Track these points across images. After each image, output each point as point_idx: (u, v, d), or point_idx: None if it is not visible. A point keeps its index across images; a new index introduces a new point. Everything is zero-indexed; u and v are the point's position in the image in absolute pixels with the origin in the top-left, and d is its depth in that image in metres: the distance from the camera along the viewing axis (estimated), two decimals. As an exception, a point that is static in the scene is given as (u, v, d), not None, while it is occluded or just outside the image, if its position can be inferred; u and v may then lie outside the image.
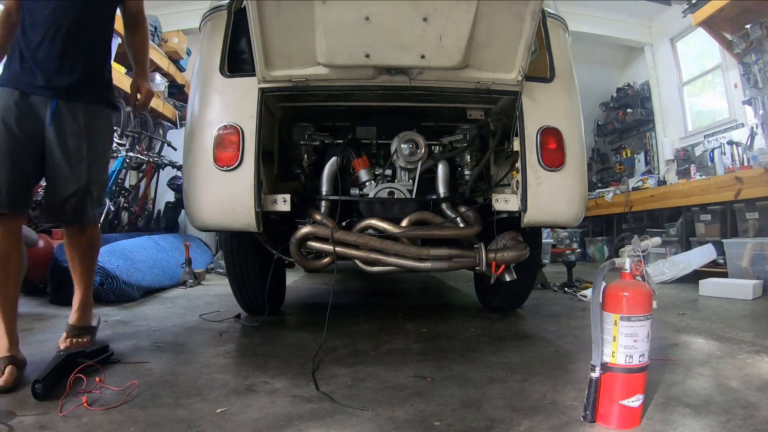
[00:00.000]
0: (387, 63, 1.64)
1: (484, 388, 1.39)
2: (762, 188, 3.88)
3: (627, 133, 7.27)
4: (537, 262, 2.47)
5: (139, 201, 5.50)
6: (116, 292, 2.79)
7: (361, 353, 1.76)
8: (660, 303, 2.86)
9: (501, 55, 1.69)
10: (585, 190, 1.97)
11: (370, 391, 1.37)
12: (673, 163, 6.13)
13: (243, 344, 1.93)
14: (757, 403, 1.24)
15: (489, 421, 1.15)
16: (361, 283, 3.93)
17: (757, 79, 4.68)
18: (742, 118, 5.10)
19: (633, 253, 1.13)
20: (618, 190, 6.10)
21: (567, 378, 1.47)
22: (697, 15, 4.94)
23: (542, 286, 3.47)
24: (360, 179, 2.02)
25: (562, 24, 2.07)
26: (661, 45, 6.48)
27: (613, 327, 1.10)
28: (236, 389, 1.37)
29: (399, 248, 1.86)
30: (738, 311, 2.64)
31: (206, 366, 1.60)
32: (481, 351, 1.80)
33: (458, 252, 1.90)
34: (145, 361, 1.61)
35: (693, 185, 4.81)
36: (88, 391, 1.28)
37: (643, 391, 1.11)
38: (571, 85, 1.97)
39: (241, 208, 1.75)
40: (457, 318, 2.44)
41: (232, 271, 2.23)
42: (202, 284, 3.84)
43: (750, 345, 1.84)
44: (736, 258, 3.64)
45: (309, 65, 1.67)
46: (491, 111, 2.07)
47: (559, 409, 1.22)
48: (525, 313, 2.58)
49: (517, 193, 1.86)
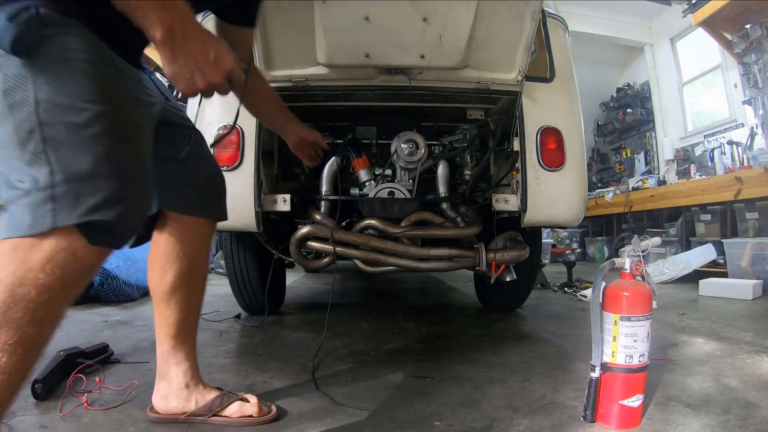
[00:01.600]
0: (387, 63, 1.64)
1: (484, 388, 1.39)
2: (762, 188, 3.89)
3: (627, 133, 7.27)
4: (537, 262, 2.47)
5: (139, 201, 5.49)
6: (116, 292, 2.80)
7: (361, 353, 1.76)
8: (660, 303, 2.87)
9: (501, 55, 1.69)
10: (585, 190, 1.97)
11: (370, 391, 1.37)
12: (673, 163, 6.13)
13: (243, 344, 1.93)
14: (757, 403, 1.24)
15: (489, 421, 1.15)
16: (361, 283, 3.93)
17: (757, 79, 4.68)
18: (742, 118, 5.10)
19: (633, 253, 1.13)
20: (618, 190, 6.10)
21: (567, 378, 1.47)
22: (697, 15, 4.94)
23: (542, 286, 3.47)
24: (360, 179, 2.02)
25: (562, 24, 2.07)
26: (661, 45, 6.48)
27: (613, 327, 1.10)
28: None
29: (399, 248, 1.86)
30: (738, 311, 2.64)
31: (206, 366, 1.60)
32: (481, 351, 1.80)
33: (458, 252, 1.90)
34: (145, 361, 1.61)
35: (693, 185, 4.81)
36: (88, 391, 1.28)
37: (643, 391, 1.11)
38: (571, 85, 1.97)
39: (241, 208, 1.75)
40: (457, 318, 2.44)
41: (232, 271, 2.22)
42: (202, 284, 3.84)
43: (750, 345, 1.84)
44: (736, 258, 3.64)
45: (309, 65, 1.67)
46: (491, 111, 2.07)
47: (559, 409, 1.22)
48: (525, 313, 2.58)
49: (517, 193, 1.87)
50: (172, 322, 1.12)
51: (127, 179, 0.80)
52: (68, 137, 0.75)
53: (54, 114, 0.74)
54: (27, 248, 0.72)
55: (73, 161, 0.74)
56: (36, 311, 0.72)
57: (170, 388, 1.14)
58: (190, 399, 1.14)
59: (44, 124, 0.74)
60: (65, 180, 0.73)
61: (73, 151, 0.75)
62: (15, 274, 0.71)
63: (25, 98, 0.74)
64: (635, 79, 7.06)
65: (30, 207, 0.72)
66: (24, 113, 0.74)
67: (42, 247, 0.72)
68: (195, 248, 1.13)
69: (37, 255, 0.72)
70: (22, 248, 0.72)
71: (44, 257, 0.72)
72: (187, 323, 1.15)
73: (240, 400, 1.16)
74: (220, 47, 0.83)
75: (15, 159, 0.74)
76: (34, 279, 0.71)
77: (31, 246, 0.72)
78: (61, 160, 0.74)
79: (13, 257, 0.71)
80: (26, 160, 0.74)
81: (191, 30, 0.79)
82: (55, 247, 0.73)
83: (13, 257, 0.71)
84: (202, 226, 1.15)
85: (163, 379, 1.15)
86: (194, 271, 1.14)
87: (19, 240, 0.72)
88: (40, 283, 0.72)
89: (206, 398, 1.15)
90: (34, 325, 0.72)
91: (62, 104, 0.75)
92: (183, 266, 1.11)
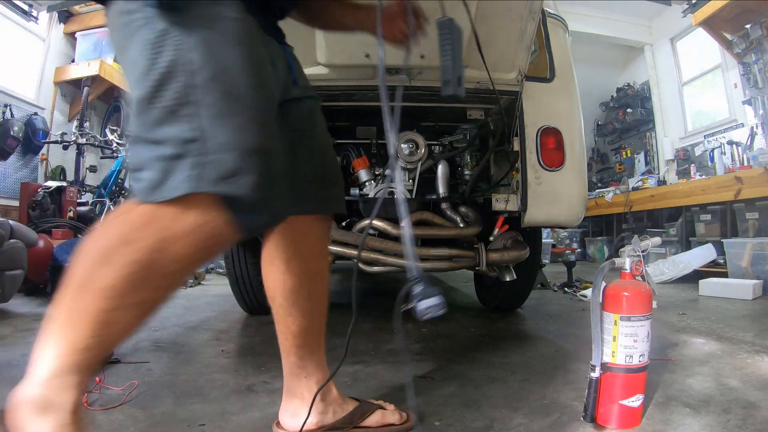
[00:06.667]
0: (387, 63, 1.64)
1: (484, 388, 1.39)
2: (762, 188, 3.89)
3: (627, 133, 7.27)
4: (537, 262, 2.47)
5: (139, 201, 5.50)
6: (116, 292, 2.79)
7: (361, 353, 1.76)
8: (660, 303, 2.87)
9: (501, 55, 1.69)
10: (585, 190, 1.97)
11: (370, 391, 1.36)
12: (673, 163, 6.13)
13: (243, 344, 1.93)
14: (757, 403, 1.23)
15: (489, 421, 1.15)
16: (361, 283, 3.93)
17: (757, 79, 4.69)
18: (742, 118, 5.11)
19: (633, 253, 1.13)
20: (618, 190, 6.11)
21: (567, 378, 1.47)
22: (697, 15, 4.94)
23: (542, 286, 3.47)
24: (360, 179, 2.02)
25: (562, 24, 2.07)
26: (661, 45, 6.48)
27: (613, 327, 1.09)
28: (236, 389, 1.37)
29: (399, 248, 1.86)
30: (738, 311, 2.64)
31: (206, 366, 1.60)
32: (481, 351, 1.80)
33: (458, 252, 1.90)
34: (145, 361, 1.61)
35: (693, 185, 4.81)
36: (89, 391, 1.28)
37: (643, 391, 1.11)
38: (571, 85, 1.97)
39: (241, 208, 1.75)
40: (457, 318, 2.44)
41: (232, 271, 2.23)
42: (202, 284, 3.84)
43: (750, 345, 1.84)
44: (736, 258, 3.64)
45: (309, 65, 1.67)
46: (491, 111, 2.07)
47: (559, 409, 1.22)
48: (525, 313, 2.58)
49: (517, 193, 1.87)
50: (296, 331, 1.04)
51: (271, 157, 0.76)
52: (219, 105, 0.71)
53: (205, 79, 0.70)
54: (171, 216, 0.69)
55: (222, 129, 0.70)
56: (166, 277, 0.71)
57: (303, 403, 1.03)
58: (327, 411, 1.05)
59: (194, 87, 0.70)
60: (214, 148, 0.69)
61: (223, 119, 0.70)
62: (154, 239, 0.68)
63: (176, 58, 0.70)
64: (635, 79, 7.07)
65: (173, 170, 0.68)
66: (173, 74, 0.69)
67: (186, 218, 0.69)
68: (312, 246, 1.04)
69: (180, 225, 0.69)
70: (166, 216, 0.69)
71: (187, 228, 0.69)
72: (312, 331, 1.06)
73: (379, 408, 1.09)
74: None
75: (157, 120, 0.70)
76: (173, 248, 0.69)
77: (174, 215, 0.69)
78: (211, 127, 0.70)
79: (154, 222, 0.69)
80: (171, 122, 0.69)
81: None
82: (198, 219, 0.70)
83: (154, 222, 0.69)
84: (318, 221, 1.05)
85: (293, 395, 1.06)
86: (314, 272, 1.05)
87: (162, 206, 0.69)
88: (177, 251, 0.70)
89: (345, 409, 1.07)
90: (159, 290, 0.72)
91: (215, 70, 0.71)
92: (301, 267, 1.02)
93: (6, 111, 4.38)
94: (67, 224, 3.84)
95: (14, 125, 4.34)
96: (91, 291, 0.67)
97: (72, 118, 5.31)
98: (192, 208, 0.69)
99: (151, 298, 0.72)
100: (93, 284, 0.67)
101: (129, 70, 0.73)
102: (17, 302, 2.72)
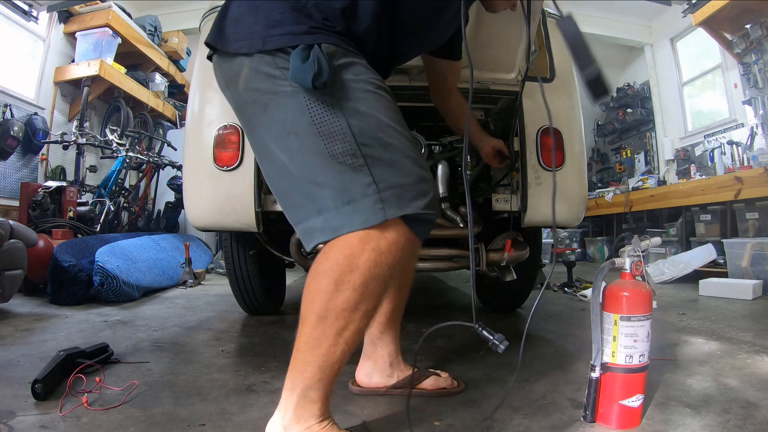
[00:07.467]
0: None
1: (484, 388, 1.39)
2: (762, 188, 3.89)
3: (627, 133, 7.27)
4: (537, 262, 2.47)
5: (139, 201, 5.50)
6: (116, 292, 2.80)
7: (361, 353, 1.76)
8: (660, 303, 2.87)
9: (501, 55, 1.69)
10: (585, 190, 1.97)
11: (370, 391, 1.36)
12: (673, 163, 6.13)
13: (243, 344, 1.93)
14: (757, 403, 1.24)
15: (489, 421, 1.15)
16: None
17: (757, 79, 4.68)
18: (742, 118, 5.11)
19: (633, 253, 1.13)
20: (618, 190, 6.11)
21: (567, 378, 1.47)
22: (697, 15, 4.94)
23: (542, 286, 3.47)
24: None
25: (562, 24, 2.07)
26: (661, 45, 6.48)
27: (613, 327, 1.10)
28: (236, 389, 1.37)
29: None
30: (738, 311, 2.64)
31: (206, 366, 1.60)
32: (481, 351, 1.80)
33: (458, 252, 1.90)
34: (145, 361, 1.61)
35: (693, 185, 4.81)
36: (88, 391, 1.28)
37: (643, 391, 1.11)
38: (571, 85, 1.97)
39: (241, 208, 1.75)
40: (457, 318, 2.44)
41: (232, 271, 2.23)
42: (202, 284, 3.84)
43: (750, 345, 1.84)
44: (736, 258, 3.64)
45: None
46: (491, 111, 2.07)
47: (559, 409, 1.22)
48: (525, 313, 2.58)
49: (517, 193, 1.86)
50: (383, 312, 1.29)
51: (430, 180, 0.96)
52: (383, 154, 0.91)
53: (367, 136, 0.90)
54: (377, 237, 0.88)
55: (390, 172, 0.90)
56: (384, 284, 0.91)
57: (375, 366, 1.34)
58: (393, 375, 1.33)
59: (362, 145, 0.89)
60: (387, 187, 0.89)
61: (388, 163, 0.91)
62: (371, 256, 0.88)
63: (339, 125, 0.89)
64: (635, 79, 7.07)
65: (364, 208, 0.88)
66: (340, 137, 0.89)
67: (387, 236, 0.89)
68: None
69: (385, 241, 0.89)
70: (373, 237, 0.88)
71: (390, 243, 0.89)
72: (395, 314, 1.32)
73: (434, 374, 1.35)
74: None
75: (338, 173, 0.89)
76: (385, 260, 0.89)
77: (379, 235, 0.88)
78: (381, 173, 0.90)
79: (366, 244, 0.88)
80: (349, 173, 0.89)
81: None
82: (396, 235, 0.90)
83: (367, 244, 0.88)
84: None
85: (368, 358, 1.35)
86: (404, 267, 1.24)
87: (366, 231, 0.88)
88: (388, 261, 0.89)
89: (406, 374, 1.33)
90: (380, 296, 0.92)
91: (373, 127, 0.91)
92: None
93: (6, 111, 4.38)
94: (67, 224, 3.84)
95: (14, 125, 4.34)
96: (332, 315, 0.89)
97: (72, 118, 5.31)
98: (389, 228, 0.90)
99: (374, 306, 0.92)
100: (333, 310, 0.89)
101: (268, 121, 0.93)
102: (17, 302, 2.72)
